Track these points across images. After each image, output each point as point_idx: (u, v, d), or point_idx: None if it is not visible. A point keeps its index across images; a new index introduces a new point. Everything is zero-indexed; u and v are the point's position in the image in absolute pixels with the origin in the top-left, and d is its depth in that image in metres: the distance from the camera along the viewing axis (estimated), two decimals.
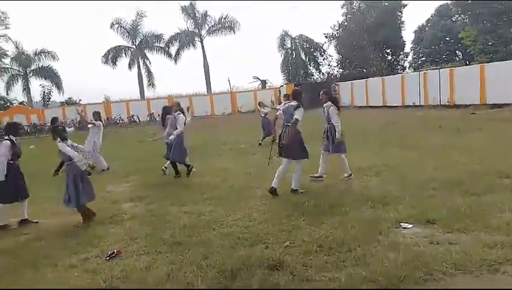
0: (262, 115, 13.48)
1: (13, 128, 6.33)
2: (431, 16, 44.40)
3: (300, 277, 3.68)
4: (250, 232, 4.99)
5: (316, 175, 7.50)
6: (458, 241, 4.20)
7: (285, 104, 12.67)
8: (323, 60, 42.63)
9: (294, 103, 6.65)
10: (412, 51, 44.17)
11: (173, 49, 40.53)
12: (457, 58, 41.28)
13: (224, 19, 39.89)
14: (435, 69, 25.70)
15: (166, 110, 9.65)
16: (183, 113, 9.01)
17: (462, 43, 32.60)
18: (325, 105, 7.47)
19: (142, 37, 40.20)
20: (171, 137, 8.64)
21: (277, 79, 55.49)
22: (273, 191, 6.55)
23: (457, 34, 33.90)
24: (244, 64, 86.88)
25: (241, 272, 3.81)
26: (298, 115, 6.42)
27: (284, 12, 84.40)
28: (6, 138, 6.15)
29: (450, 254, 3.85)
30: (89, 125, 10.76)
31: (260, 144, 12.84)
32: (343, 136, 7.44)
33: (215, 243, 4.67)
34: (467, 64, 31.76)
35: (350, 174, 7.41)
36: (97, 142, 10.57)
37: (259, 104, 14.71)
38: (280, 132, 6.78)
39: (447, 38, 41.37)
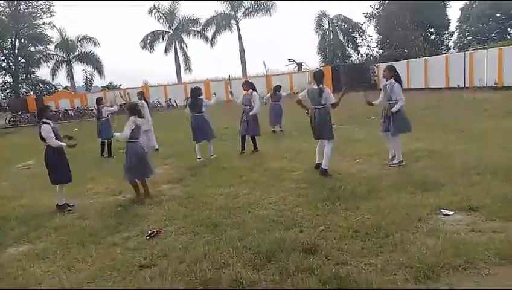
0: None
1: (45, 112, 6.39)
2: None
3: (335, 261, 3.67)
4: (285, 215, 5.01)
5: (395, 162, 7.00)
6: (503, 229, 4.01)
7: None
8: (362, 40, 41.36)
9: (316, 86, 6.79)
10: (457, 30, 41.90)
11: (209, 33, 40.71)
12: (509, 37, 38.74)
13: (260, 0, 39.44)
14: (482, 48, 24.29)
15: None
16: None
17: None
18: (388, 82, 7.03)
19: (178, 22, 40.60)
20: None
21: (314, 61, 54.50)
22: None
23: (510, 10, 31.72)
24: (280, 47, 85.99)
25: (276, 254, 3.85)
26: (329, 98, 6.75)
27: None
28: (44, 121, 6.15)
29: (493, 243, 3.70)
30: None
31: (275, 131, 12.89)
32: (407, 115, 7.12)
33: (250, 225, 4.73)
34: None
35: (401, 161, 6.98)
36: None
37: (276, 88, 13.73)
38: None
39: (498, 15, 38.87)
